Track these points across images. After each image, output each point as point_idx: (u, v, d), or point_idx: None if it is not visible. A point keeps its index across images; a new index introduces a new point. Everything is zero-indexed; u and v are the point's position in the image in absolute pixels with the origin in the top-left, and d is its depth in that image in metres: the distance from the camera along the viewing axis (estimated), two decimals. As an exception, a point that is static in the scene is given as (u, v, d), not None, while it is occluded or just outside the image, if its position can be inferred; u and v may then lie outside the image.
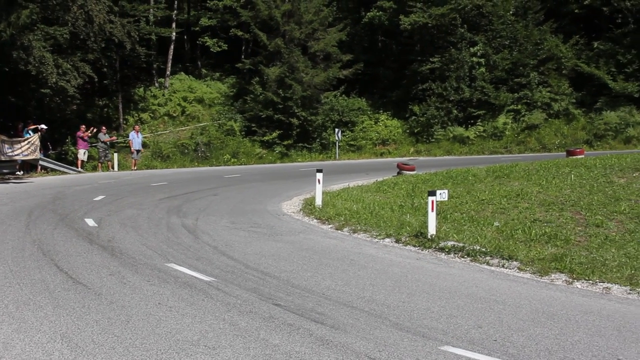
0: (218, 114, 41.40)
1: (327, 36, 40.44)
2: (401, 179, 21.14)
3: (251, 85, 39.90)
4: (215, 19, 45.31)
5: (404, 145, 40.07)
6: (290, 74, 38.27)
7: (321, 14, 40.53)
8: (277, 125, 38.26)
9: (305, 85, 38.31)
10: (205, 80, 45.19)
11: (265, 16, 39.94)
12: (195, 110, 41.73)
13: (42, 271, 9.22)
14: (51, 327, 6.70)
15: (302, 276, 9.22)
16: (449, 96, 39.29)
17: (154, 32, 41.11)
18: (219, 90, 43.94)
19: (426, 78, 40.41)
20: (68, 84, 30.72)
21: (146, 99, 41.95)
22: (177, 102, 42.07)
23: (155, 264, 9.86)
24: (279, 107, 38.14)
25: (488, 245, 10.77)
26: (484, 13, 40.52)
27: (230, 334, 6.57)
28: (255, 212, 15.99)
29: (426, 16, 39.61)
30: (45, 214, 14.98)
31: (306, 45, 40.20)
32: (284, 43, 39.15)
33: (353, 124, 40.58)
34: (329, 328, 6.81)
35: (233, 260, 10.24)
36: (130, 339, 6.38)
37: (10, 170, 25.64)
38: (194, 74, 45.89)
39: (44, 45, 29.72)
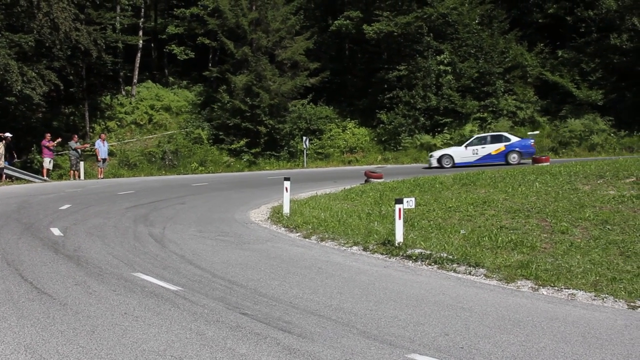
0: (185, 122, 41.26)
1: (294, 44, 40.52)
2: (369, 187, 21.19)
3: (218, 94, 39.86)
4: (183, 27, 45.22)
5: (371, 153, 40.21)
6: (257, 82, 38.27)
7: (288, 23, 40.60)
8: (245, 134, 38.23)
9: (273, 94, 38.33)
10: (172, 89, 45.03)
11: (232, 24, 39.92)
12: (163, 118, 41.55)
13: (6, 281, 9.10)
14: (15, 338, 6.62)
15: (269, 285, 9.20)
16: (416, 104, 39.52)
17: (121, 40, 40.91)
18: (186, 98, 43.81)
19: (393, 86, 40.63)
20: (33, 92, 30.46)
21: (113, 107, 41.68)
22: (144, 110, 41.87)
23: (122, 273, 9.79)
24: (247, 115, 38.12)
25: (455, 253, 10.84)
26: (450, 22, 40.84)
27: (197, 344, 6.54)
28: (223, 221, 15.93)
29: (392, 25, 39.83)
30: (10, 223, 14.79)
31: (273, 53, 40.25)
32: (251, 51, 39.16)
33: (321, 132, 40.66)
34: (297, 337, 6.81)
35: (200, 269, 10.20)
36: (96, 349, 6.33)
37: (-26, 179, 25.32)
38: (161, 82, 45.72)
39: (8, 52, 29.43)
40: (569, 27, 41.64)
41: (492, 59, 40.32)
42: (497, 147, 32.25)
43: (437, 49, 40.37)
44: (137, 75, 43.52)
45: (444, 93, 39.54)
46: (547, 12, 42.43)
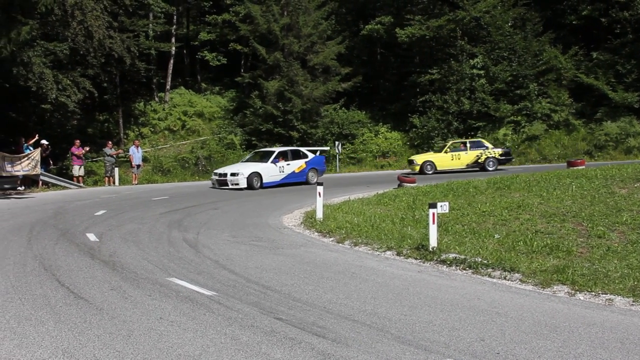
0: (218, 127, 41.50)
1: (326, 49, 40.58)
2: (402, 191, 21.13)
3: (251, 99, 40.03)
4: (215, 33, 45.49)
5: (404, 157, 40.07)
6: (289, 87, 38.38)
7: (320, 28, 40.67)
8: (277, 139, 38.33)
9: (305, 99, 38.42)
10: (205, 94, 45.32)
11: (264, 30, 40.09)
12: (196, 124, 41.82)
13: (44, 286, 9.21)
14: (53, 343, 6.69)
15: (303, 290, 9.20)
16: (449, 108, 39.36)
17: (154, 47, 41.26)
18: (218, 104, 44.07)
19: (426, 90, 40.53)
20: (68, 100, 30.82)
21: (146, 114, 42.05)
22: (177, 116, 42.18)
23: (157, 278, 9.85)
24: (279, 120, 38.25)
25: (490, 257, 10.75)
26: (483, 25, 40.63)
27: (232, 349, 6.55)
28: (256, 226, 15.98)
29: (424, 28, 39.73)
30: (47, 229, 14.97)
31: (305, 58, 40.33)
32: (283, 56, 39.28)
33: (353, 137, 40.65)
34: (331, 342, 6.80)
35: (234, 274, 10.23)
36: (132, 354, 6.37)
37: (12, 185, 25.65)
38: (193, 88, 46.02)
39: (43, 61, 29.82)
40: (604, 28, 41.24)
41: (525, 61, 40.03)
42: (299, 165, 28.68)
43: (470, 53, 40.16)
44: (170, 82, 43.86)
45: (477, 97, 39.33)
46: (581, 13, 42.01)
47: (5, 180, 25.24)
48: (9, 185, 25.48)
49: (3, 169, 24.66)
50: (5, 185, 25.27)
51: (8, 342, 6.73)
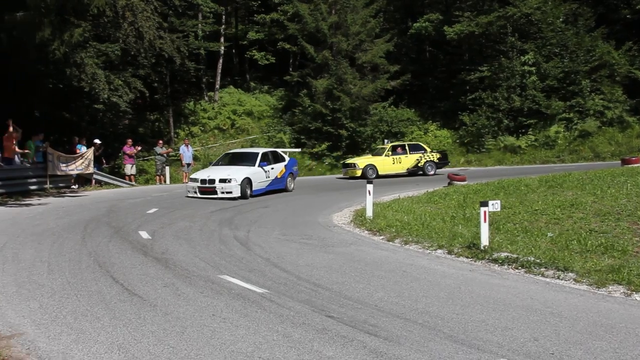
0: (267, 126, 41.74)
1: (375, 47, 40.50)
2: (452, 189, 21.00)
3: (299, 98, 40.16)
4: (263, 33, 45.77)
5: (454, 155, 39.79)
6: (338, 85, 38.40)
7: (368, 26, 40.60)
8: (326, 137, 38.40)
9: (354, 97, 38.40)
10: (254, 93, 45.61)
11: (312, 29, 40.17)
12: (245, 123, 42.11)
13: (99, 283, 9.36)
14: (108, 338, 6.79)
15: (354, 288, 9.20)
16: (499, 105, 38.93)
17: (203, 47, 41.66)
18: (267, 102, 44.31)
19: (475, 87, 40.16)
20: (120, 99, 31.30)
21: (196, 113, 42.49)
22: (226, 115, 42.54)
23: (209, 275, 9.94)
24: (328, 118, 38.30)
25: (542, 257, 10.60)
26: (533, 21, 40.09)
27: (284, 346, 6.58)
28: (306, 224, 16.01)
29: (473, 25, 39.37)
30: (101, 227, 15.21)
31: (353, 56, 40.31)
32: (331, 55, 39.34)
33: (402, 135, 40.49)
34: (383, 340, 6.78)
35: (285, 272, 10.27)
36: (186, 350, 6.44)
37: (66, 184, 26.12)
38: (242, 87, 46.36)
39: (96, 62, 30.30)
40: (659, 23, 40.38)
41: (577, 57, 39.39)
42: (280, 169, 24.78)
43: (521, 49, 39.67)
44: (219, 81, 44.26)
45: (528, 94, 38.83)
46: (635, 7, 41.14)
47: (59, 179, 25.72)
48: (63, 184, 25.96)
49: (58, 168, 25.14)
50: (60, 184, 25.75)
51: (65, 337, 6.85)
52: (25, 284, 9.25)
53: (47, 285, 9.17)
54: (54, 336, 6.87)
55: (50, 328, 7.16)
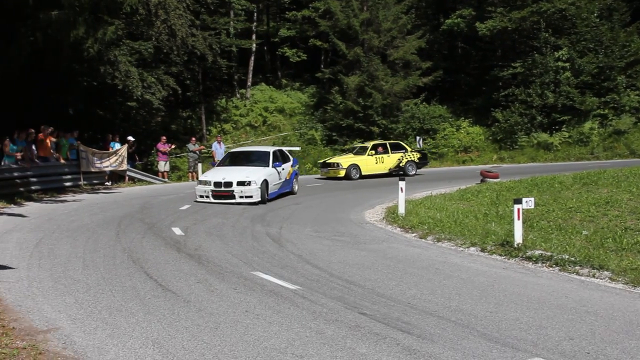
0: (299, 123, 41.79)
1: (406, 44, 40.34)
2: (485, 186, 20.86)
3: (331, 95, 40.12)
4: (294, 30, 45.81)
5: (486, 152, 39.55)
6: (369, 82, 38.32)
7: (400, 22, 40.42)
8: (358, 134, 38.34)
9: (385, 94, 38.31)
10: (285, 90, 45.69)
11: (343, 25, 40.10)
12: (277, 120, 42.21)
13: (133, 278, 9.44)
14: (143, 333, 6.85)
15: (387, 285, 9.18)
16: (532, 102, 38.55)
17: (235, 44, 41.84)
18: (299, 99, 44.37)
19: (508, 84, 39.82)
20: (153, 97, 31.56)
21: (228, 110, 42.69)
22: (258, 112, 42.68)
23: (241, 272, 9.98)
24: (360, 115, 38.24)
25: (577, 255, 10.48)
26: (567, 16, 39.64)
27: (317, 343, 6.59)
28: (338, 221, 16.01)
29: (506, 20, 39.03)
30: (134, 223, 15.35)
31: (385, 53, 40.19)
32: (363, 52, 39.25)
33: (434, 132, 40.31)
34: (416, 337, 6.76)
35: (317, 268, 10.28)
36: (219, 346, 6.47)
37: (100, 180, 26.40)
38: (274, 84, 46.45)
39: (129, 59, 30.56)
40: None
41: (612, 53, 38.86)
42: (289, 170, 22.67)
43: (555, 45, 39.23)
44: (251, 78, 44.40)
45: (562, 90, 38.39)
46: (671, 2, 40.56)
47: (93, 176, 25.99)
48: (97, 181, 26.23)
49: (92, 164, 25.41)
50: (94, 180, 26.02)
51: (100, 331, 6.92)
52: (61, 279, 9.37)
53: (82, 281, 9.28)
54: (89, 331, 6.95)
55: (85, 323, 7.25)
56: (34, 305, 8.00)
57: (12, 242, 12.59)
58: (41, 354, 6.16)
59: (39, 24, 23.00)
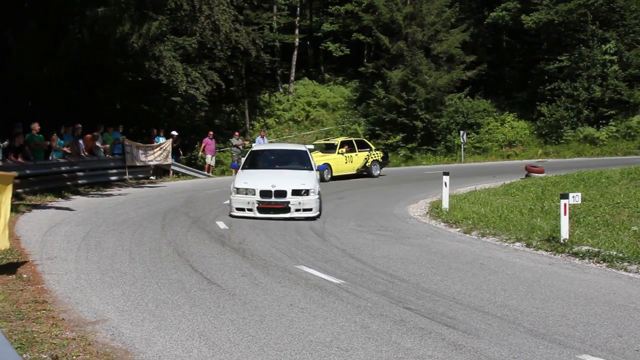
0: (342, 117, 41.78)
1: (450, 37, 40.01)
2: (530, 181, 20.67)
3: (374, 89, 40.02)
4: (337, 24, 45.79)
5: (531, 147, 39.11)
6: (413, 76, 38.12)
7: (444, 15, 40.13)
8: (401, 129, 38.19)
9: (429, 88, 38.07)
10: (328, 85, 45.71)
11: (387, 19, 39.94)
12: (319, 114, 42.26)
13: (178, 271, 9.53)
14: (189, 326, 6.91)
15: (431, 280, 9.14)
16: (579, 96, 37.97)
17: (278, 39, 41.98)
18: (342, 94, 44.35)
19: (554, 77, 39.25)
20: (197, 92, 31.81)
21: (271, 105, 42.86)
22: (301, 107, 42.78)
23: (286, 265, 10.02)
24: (403, 110, 38.06)
25: (625, 251, 10.31)
26: (615, 8, 38.95)
27: (362, 337, 6.58)
28: (382, 215, 15.98)
29: (552, 13, 38.48)
30: (179, 217, 15.49)
31: (429, 47, 39.92)
32: (406, 46, 39.04)
33: (478, 126, 39.96)
34: (462, 333, 6.72)
35: (361, 263, 10.27)
36: (265, 338, 6.50)
37: (145, 175, 26.70)
38: (317, 78, 46.50)
39: (173, 55, 30.84)
40: None
41: (662, 45, 38.10)
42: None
43: (602, 37, 38.57)
44: (294, 73, 44.51)
45: (610, 83, 37.75)
46: None
47: (138, 170, 26.30)
48: (142, 175, 26.53)
49: (137, 159, 25.71)
50: (139, 174, 26.33)
51: (148, 323, 7.00)
52: (108, 272, 9.50)
53: (129, 273, 9.40)
54: (136, 323, 7.03)
55: (133, 315, 7.34)
56: (82, 297, 8.12)
57: (61, 235, 12.79)
58: (90, 345, 6.24)
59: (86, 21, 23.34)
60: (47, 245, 11.58)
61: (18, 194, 18.35)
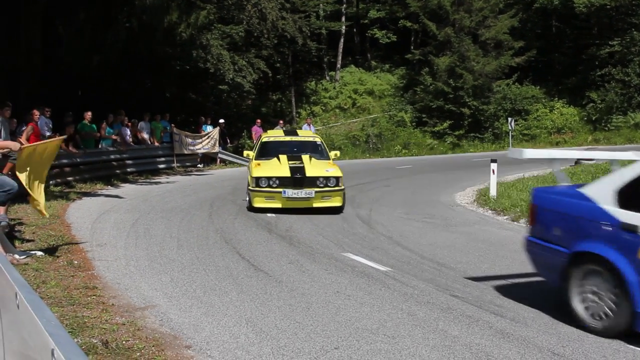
0: (388, 105, 41.58)
1: (498, 23, 39.47)
2: (579, 169, 20.30)
3: (421, 76, 39.71)
4: (384, 11, 45.50)
5: (580, 133, 38.47)
6: (460, 63, 37.75)
7: (492, 1, 39.56)
8: (448, 116, 37.87)
9: (477, 74, 37.66)
10: (375, 72, 45.49)
11: (434, 6, 39.55)
12: (366, 102, 42.13)
13: (226, 258, 9.61)
14: (236, 312, 6.97)
15: (478, 268, 9.08)
16: (630, 81, 37.21)
17: (324, 27, 41.89)
18: (388, 81, 44.11)
19: (605, 63, 38.51)
20: (244, 80, 31.92)
21: (317, 92, 42.84)
22: (347, 94, 42.67)
23: (332, 253, 10.04)
24: (450, 97, 37.72)
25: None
26: (669, -9, 38.06)
27: (409, 324, 6.57)
28: (428, 203, 15.91)
29: (604, -4, 37.81)
30: (226, 204, 15.61)
31: (476, 33, 39.47)
32: (453, 32, 38.64)
33: (526, 113, 39.44)
34: (509, 321, 6.67)
35: (408, 250, 10.24)
36: (312, 325, 6.53)
37: (192, 163, 26.94)
38: (363, 66, 46.29)
39: (221, 43, 30.99)
40: None
41: None
42: None
43: (655, 21, 37.74)
44: (340, 61, 44.38)
45: (662, 68, 36.93)
46: None
47: (186, 158, 26.54)
48: (189, 163, 26.78)
49: (185, 147, 25.95)
50: (187, 163, 26.57)
51: (196, 309, 7.08)
52: (157, 259, 9.62)
53: (177, 260, 9.50)
54: (184, 309, 7.11)
55: (181, 301, 7.42)
56: (131, 283, 8.24)
57: (110, 222, 12.99)
58: (139, 330, 6.34)
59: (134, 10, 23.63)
60: (97, 232, 11.77)
61: (68, 181, 18.73)
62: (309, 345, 5.96)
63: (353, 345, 5.95)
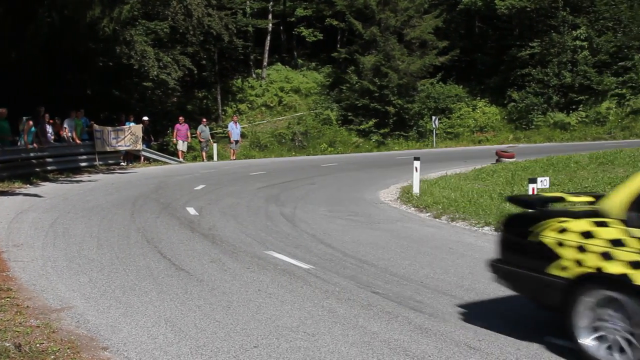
0: (314, 103, 41.68)
1: (423, 23, 40.07)
2: (500, 166, 20.79)
3: (347, 75, 39.97)
4: (311, 9, 45.62)
5: (502, 132, 39.36)
6: (386, 62, 38.13)
7: (417, 1, 40.14)
8: (374, 114, 38.19)
9: (402, 73, 38.11)
10: (301, 70, 45.57)
11: (360, 5, 39.87)
12: (292, 100, 42.14)
13: (147, 258, 9.49)
14: (156, 312, 6.89)
15: (400, 264, 9.18)
16: (549, 81, 38.25)
17: (251, 24, 41.71)
18: (315, 79, 44.24)
19: (525, 63, 39.51)
20: (169, 77, 31.54)
21: (244, 90, 42.66)
22: (274, 92, 42.61)
23: (255, 251, 10.01)
24: (375, 95, 38.06)
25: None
26: (586, -5, 39.25)
27: (329, 321, 6.60)
28: (353, 201, 16.00)
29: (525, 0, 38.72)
30: (149, 203, 15.41)
31: (402, 32, 39.96)
32: (379, 31, 39.03)
33: (450, 111, 40.14)
34: (428, 316, 6.76)
35: (331, 248, 10.28)
36: (232, 324, 6.50)
37: (115, 160, 26.51)
38: (290, 64, 46.33)
39: (145, 39, 30.57)
40: None
41: (631, 32, 38.48)
42: None
43: (573, 24, 38.85)
44: (267, 58, 44.28)
45: (580, 69, 38.09)
46: (692, -20, 39.95)
47: (109, 156, 26.10)
48: (112, 161, 26.35)
49: (107, 143, 25.50)
50: (110, 160, 26.13)
51: (114, 310, 6.97)
52: (76, 259, 9.43)
53: (96, 260, 9.34)
54: (102, 310, 6.99)
55: (99, 302, 7.29)
56: (48, 284, 8.06)
57: (28, 221, 12.68)
58: (54, 332, 6.20)
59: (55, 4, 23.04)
60: (13, 232, 11.48)
61: (-16, 180, 18.22)
62: (228, 344, 5.93)
63: (272, 344, 5.95)
